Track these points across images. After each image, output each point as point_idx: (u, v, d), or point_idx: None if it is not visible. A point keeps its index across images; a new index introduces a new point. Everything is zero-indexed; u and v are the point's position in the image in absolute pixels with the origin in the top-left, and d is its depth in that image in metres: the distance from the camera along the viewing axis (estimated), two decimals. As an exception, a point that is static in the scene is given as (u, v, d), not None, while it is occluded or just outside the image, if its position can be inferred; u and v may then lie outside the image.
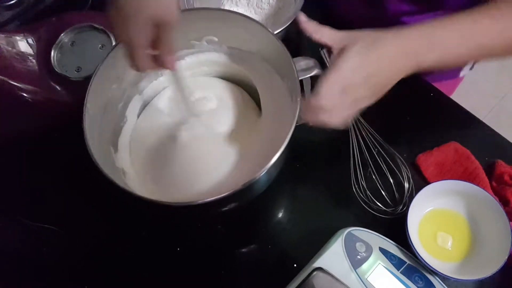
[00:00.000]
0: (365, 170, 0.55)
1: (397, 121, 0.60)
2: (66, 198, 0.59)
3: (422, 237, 0.50)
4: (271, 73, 0.52)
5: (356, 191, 0.54)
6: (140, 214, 0.54)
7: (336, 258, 0.46)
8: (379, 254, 0.47)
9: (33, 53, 0.60)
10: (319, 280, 0.43)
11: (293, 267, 0.51)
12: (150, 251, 0.54)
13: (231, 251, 0.55)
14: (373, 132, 0.56)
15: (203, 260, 0.54)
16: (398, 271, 0.46)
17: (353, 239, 0.47)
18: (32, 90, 0.59)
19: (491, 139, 0.59)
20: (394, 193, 0.54)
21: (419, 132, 0.59)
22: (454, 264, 0.49)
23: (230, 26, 0.50)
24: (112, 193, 0.41)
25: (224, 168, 0.50)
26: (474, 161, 0.55)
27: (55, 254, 0.56)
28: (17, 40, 0.60)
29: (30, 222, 0.58)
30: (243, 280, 0.53)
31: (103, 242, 0.56)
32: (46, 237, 0.57)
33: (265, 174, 0.40)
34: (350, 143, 0.56)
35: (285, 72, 0.48)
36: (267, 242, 0.54)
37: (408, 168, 0.54)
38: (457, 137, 0.57)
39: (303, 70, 0.45)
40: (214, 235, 0.56)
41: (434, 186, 0.50)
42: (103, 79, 0.47)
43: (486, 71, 1.63)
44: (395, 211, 0.53)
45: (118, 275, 0.54)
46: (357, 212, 0.54)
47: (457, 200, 0.52)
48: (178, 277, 0.53)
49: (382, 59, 0.41)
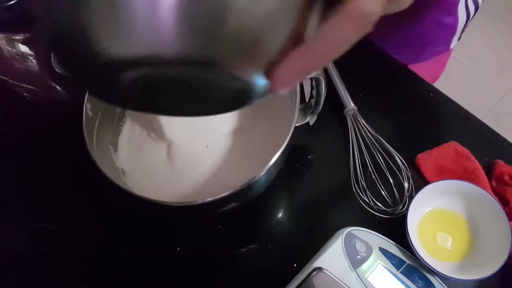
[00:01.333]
0: (365, 170, 0.55)
1: (397, 121, 0.60)
2: (66, 198, 0.59)
3: (422, 237, 0.50)
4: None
5: (356, 191, 0.54)
6: (140, 214, 0.54)
7: (336, 258, 0.46)
8: (379, 254, 0.47)
9: (33, 53, 0.60)
10: (319, 280, 0.43)
11: (293, 267, 0.51)
12: (150, 251, 0.54)
13: (231, 251, 0.55)
14: (373, 132, 0.56)
15: (203, 260, 0.54)
16: (398, 271, 0.46)
17: (353, 239, 0.47)
18: (32, 90, 0.59)
19: (491, 139, 0.59)
20: (394, 193, 0.54)
21: (418, 132, 0.59)
22: (454, 264, 0.49)
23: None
24: (112, 193, 0.41)
25: (224, 168, 0.50)
26: (474, 161, 0.55)
27: (55, 254, 0.56)
28: (18, 40, 0.60)
29: (30, 222, 0.58)
30: (243, 280, 0.53)
31: (103, 242, 0.56)
32: (46, 237, 0.57)
33: (265, 174, 0.40)
34: (350, 143, 0.56)
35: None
36: (267, 242, 0.54)
37: (408, 168, 0.54)
38: (457, 137, 0.57)
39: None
40: (214, 235, 0.56)
41: (434, 186, 0.50)
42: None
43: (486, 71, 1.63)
44: (395, 211, 0.53)
45: (118, 275, 0.54)
46: (357, 212, 0.54)
47: (457, 200, 0.52)
48: (178, 277, 0.53)
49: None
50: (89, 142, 0.42)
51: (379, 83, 0.49)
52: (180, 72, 0.18)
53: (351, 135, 0.57)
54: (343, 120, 0.59)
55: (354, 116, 0.58)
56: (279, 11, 0.17)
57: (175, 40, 0.16)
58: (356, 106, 0.58)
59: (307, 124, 0.60)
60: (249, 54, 0.18)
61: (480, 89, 1.60)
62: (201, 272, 0.53)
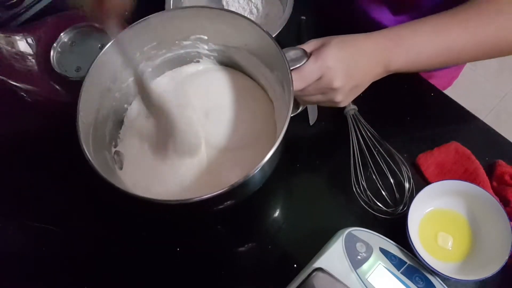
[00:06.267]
0: (365, 170, 0.55)
1: (397, 121, 0.60)
2: (66, 198, 0.59)
3: (423, 237, 0.50)
4: (260, 67, 0.52)
5: (356, 191, 0.54)
6: (139, 214, 0.54)
7: (337, 259, 0.45)
8: (379, 254, 0.47)
9: (32, 53, 0.60)
10: (319, 281, 0.43)
11: (293, 267, 0.51)
12: (150, 252, 0.54)
13: (231, 251, 0.55)
14: (373, 132, 0.56)
15: (203, 261, 0.54)
16: (398, 272, 0.46)
17: (353, 239, 0.47)
18: (32, 90, 0.59)
19: (492, 139, 0.58)
20: (395, 193, 0.54)
21: (419, 132, 0.59)
22: (455, 264, 0.49)
23: (217, 23, 0.50)
24: (112, 193, 0.41)
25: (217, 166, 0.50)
26: (474, 161, 0.55)
27: (55, 254, 0.56)
28: (17, 40, 0.60)
29: (30, 222, 0.58)
30: (243, 280, 0.53)
31: (103, 242, 0.56)
32: (46, 237, 0.57)
33: (260, 171, 0.40)
34: (350, 143, 0.56)
35: (275, 64, 0.48)
36: (268, 242, 0.54)
37: (408, 168, 0.54)
38: (457, 137, 0.57)
39: (293, 60, 0.45)
40: (214, 236, 0.56)
41: (434, 186, 0.50)
42: (96, 80, 0.47)
43: (486, 71, 1.63)
44: (396, 211, 0.53)
45: (118, 275, 0.54)
46: (357, 212, 0.54)
47: (458, 200, 0.52)
48: (178, 278, 0.53)
49: (357, 52, 0.46)
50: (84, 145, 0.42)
51: (379, 83, 0.49)
52: None
53: (351, 135, 0.56)
54: (343, 120, 0.59)
55: (355, 116, 0.57)
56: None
57: None
58: (356, 106, 0.58)
59: (307, 124, 0.60)
60: None
61: (481, 89, 1.60)
62: (201, 272, 0.53)
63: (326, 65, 0.45)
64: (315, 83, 0.46)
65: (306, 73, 0.45)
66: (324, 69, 0.45)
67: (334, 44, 0.45)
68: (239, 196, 0.47)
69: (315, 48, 0.47)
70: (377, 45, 0.46)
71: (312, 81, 0.46)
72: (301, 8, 0.63)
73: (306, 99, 0.49)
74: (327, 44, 0.46)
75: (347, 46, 0.46)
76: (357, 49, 0.46)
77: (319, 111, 0.61)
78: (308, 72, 0.45)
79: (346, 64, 0.45)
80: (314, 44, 0.47)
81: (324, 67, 0.45)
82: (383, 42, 0.46)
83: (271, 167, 0.46)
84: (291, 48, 0.46)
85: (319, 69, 0.45)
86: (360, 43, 0.46)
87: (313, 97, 0.48)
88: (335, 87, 0.46)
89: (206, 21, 0.50)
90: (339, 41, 0.46)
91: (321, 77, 0.45)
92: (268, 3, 0.66)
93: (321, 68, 0.45)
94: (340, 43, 0.46)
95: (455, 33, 0.46)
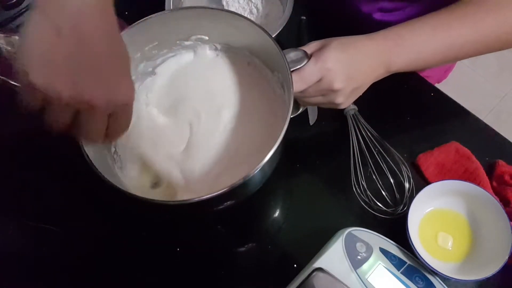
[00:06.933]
0: (365, 170, 0.55)
1: (397, 121, 0.60)
2: (66, 198, 0.59)
3: (423, 237, 0.50)
4: (260, 68, 0.52)
5: (356, 191, 0.54)
6: (139, 214, 0.54)
7: (337, 259, 0.46)
8: (379, 254, 0.47)
9: (32, 53, 0.60)
10: (319, 281, 0.43)
11: (293, 267, 0.51)
12: (150, 252, 0.54)
13: (231, 251, 0.55)
14: (373, 132, 0.56)
15: (203, 261, 0.54)
16: (398, 272, 0.46)
17: (353, 239, 0.47)
18: (32, 90, 0.59)
19: (492, 139, 0.58)
20: (395, 193, 0.54)
21: (419, 132, 0.59)
22: (455, 264, 0.49)
23: (218, 23, 0.50)
24: (112, 193, 0.41)
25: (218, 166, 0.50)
26: (474, 161, 0.55)
27: (55, 254, 0.56)
28: (17, 40, 0.59)
29: (30, 222, 0.58)
30: (243, 280, 0.53)
31: (103, 242, 0.56)
32: (46, 237, 0.57)
33: (260, 171, 0.40)
34: (350, 143, 0.56)
35: (275, 65, 0.48)
36: (267, 243, 0.54)
37: (408, 168, 0.54)
38: (457, 137, 0.57)
39: (293, 62, 0.45)
40: (214, 236, 0.56)
41: (434, 186, 0.50)
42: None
43: (486, 71, 1.63)
44: (396, 211, 0.53)
45: (118, 275, 0.54)
46: (357, 212, 0.54)
47: (458, 200, 0.52)
48: (178, 278, 0.53)
49: (358, 54, 0.46)
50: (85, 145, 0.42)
51: (379, 83, 0.49)
52: None
53: (351, 135, 0.56)
54: (343, 120, 0.59)
55: (355, 115, 0.57)
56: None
57: None
58: (356, 106, 0.58)
59: (308, 124, 0.60)
60: None
61: (481, 89, 1.60)
62: (201, 272, 0.53)
63: (327, 67, 0.45)
64: (315, 85, 0.46)
65: (306, 75, 0.45)
66: (324, 71, 0.45)
67: (335, 46, 0.45)
68: (239, 196, 0.47)
69: (316, 49, 0.46)
70: (377, 46, 0.46)
71: (312, 82, 0.46)
72: (301, 8, 0.64)
73: (306, 100, 0.49)
74: (328, 45, 0.46)
75: (348, 48, 0.46)
76: (358, 50, 0.46)
77: (319, 111, 0.61)
78: (309, 74, 0.45)
79: (347, 66, 0.45)
80: (314, 45, 0.47)
81: (325, 69, 0.45)
82: (383, 43, 0.47)
83: (271, 167, 0.45)
84: (291, 49, 0.46)
85: (320, 71, 0.45)
86: (360, 44, 0.46)
87: (314, 99, 0.48)
88: (336, 89, 0.46)
89: (207, 21, 0.50)
90: (339, 42, 0.46)
91: (322, 79, 0.45)
92: (268, 3, 0.66)
93: (321, 70, 0.45)
94: (340, 45, 0.46)
95: (455, 29, 0.46)
